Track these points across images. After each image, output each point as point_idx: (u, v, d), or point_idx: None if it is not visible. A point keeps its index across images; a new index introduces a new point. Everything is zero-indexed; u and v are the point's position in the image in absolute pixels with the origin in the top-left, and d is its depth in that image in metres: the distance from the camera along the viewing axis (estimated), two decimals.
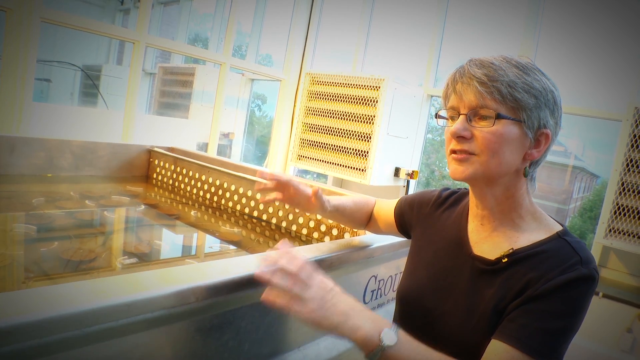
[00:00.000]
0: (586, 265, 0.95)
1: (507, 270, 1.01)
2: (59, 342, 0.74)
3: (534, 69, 1.00)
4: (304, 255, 1.16)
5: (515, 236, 1.05)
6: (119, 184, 2.93)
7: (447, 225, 1.20)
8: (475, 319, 1.02)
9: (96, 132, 3.94)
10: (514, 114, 0.97)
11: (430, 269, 1.16)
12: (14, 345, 0.68)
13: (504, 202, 1.06)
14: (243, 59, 5.69)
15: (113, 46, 8.68)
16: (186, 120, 5.56)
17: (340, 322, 0.91)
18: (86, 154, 2.92)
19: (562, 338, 0.92)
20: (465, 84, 0.99)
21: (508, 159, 0.99)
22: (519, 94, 0.96)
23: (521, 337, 0.92)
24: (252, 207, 2.59)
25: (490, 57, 1.00)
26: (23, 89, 3.10)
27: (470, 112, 0.99)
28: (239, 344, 1.12)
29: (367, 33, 4.45)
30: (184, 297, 0.90)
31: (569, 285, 0.93)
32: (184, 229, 2.32)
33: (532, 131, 0.99)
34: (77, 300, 0.76)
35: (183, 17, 6.76)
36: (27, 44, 3.07)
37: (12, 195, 2.38)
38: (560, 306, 0.92)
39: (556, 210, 5.59)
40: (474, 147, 0.99)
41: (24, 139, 2.70)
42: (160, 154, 3.24)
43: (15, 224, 1.96)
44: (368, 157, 3.52)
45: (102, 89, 6.92)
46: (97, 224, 2.18)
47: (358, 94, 3.57)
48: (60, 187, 2.65)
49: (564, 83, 3.81)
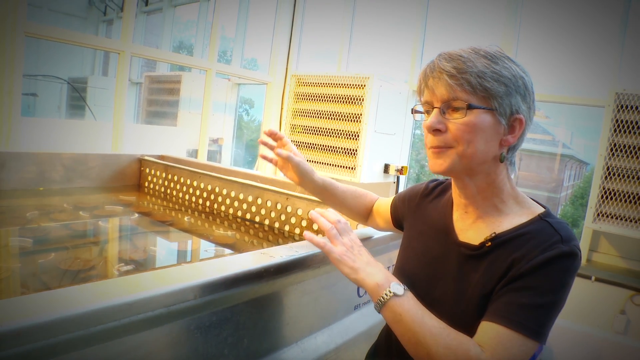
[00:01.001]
0: (567, 243, 0.99)
1: (491, 254, 1.06)
2: (65, 343, 0.78)
3: (503, 57, 1.04)
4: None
5: (498, 221, 1.09)
6: (111, 193, 2.96)
7: (434, 215, 1.24)
8: (464, 303, 1.06)
9: (86, 144, 3.96)
10: (486, 103, 1.01)
11: (421, 258, 1.21)
12: (21, 347, 0.72)
13: (485, 189, 1.10)
14: (229, 64, 5.72)
15: (98, 57, 8.66)
16: (175, 128, 5.57)
17: (360, 267, 1.09)
18: (77, 166, 2.95)
19: (547, 313, 0.96)
20: (436, 78, 1.03)
21: (483, 147, 1.03)
22: (488, 83, 0.99)
23: (506, 314, 0.96)
24: (244, 210, 2.62)
25: (459, 50, 1.04)
26: (11, 104, 3.12)
27: (443, 105, 1.03)
28: (238, 340, 1.15)
29: (350, 32, 4.49)
30: (182, 295, 0.94)
31: (550, 262, 0.97)
32: (178, 234, 2.35)
33: (505, 118, 1.03)
34: (80, 302, 0.79)
35: (167, 25, 6.77)
36: (12, 59, 3.08)
37: (5, 210, 2.40)
38: (542, 283, 0.96)
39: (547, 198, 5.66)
40: (450, 139, 1.04)
41: (14, 154, 2.72)
42: (151, 162, 3.27)
43: (11, 238, 1.98)
44: (357, 155, 3.56)
45: (89, 101, 6.92)
46: (92, 234, 2.21)
47: (344, 93, 3.61)
48: (53, 199, 2.67)
49: (547, 72, 3.88)
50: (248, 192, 2.61)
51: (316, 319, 1.46)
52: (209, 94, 4.36)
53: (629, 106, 2.94)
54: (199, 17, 6.29)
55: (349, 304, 1.62)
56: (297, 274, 1.26)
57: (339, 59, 4.49)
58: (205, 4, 6.17)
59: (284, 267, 1.19)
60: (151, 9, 7.40)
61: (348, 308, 1.61)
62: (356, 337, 1.57)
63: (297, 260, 1.23)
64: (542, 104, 3.65)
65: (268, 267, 1.13)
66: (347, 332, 1.55)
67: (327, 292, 1.47)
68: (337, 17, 4.57)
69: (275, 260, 1.16)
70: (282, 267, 1.18)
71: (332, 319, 1.53)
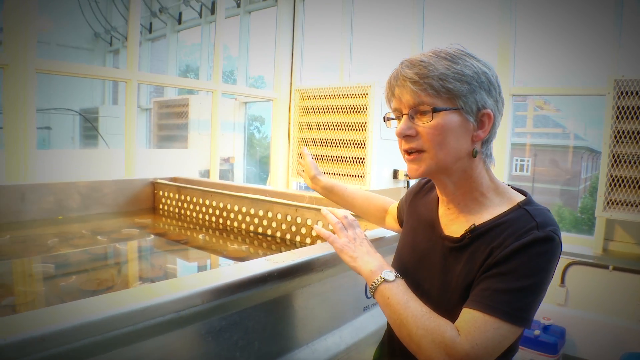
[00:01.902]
0: (542, 228, 1.04)
1: (471, 245, 1.12)
2: (85, 348, 0.87)
3: (464, 56, 1.10)
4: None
5: (479, 213, 1.16)
6: (127, 217, 3.08)
7: (423, 211, 1.32)
8: (448, 294, 1.13)
9: (101, 172, 4.10)
10: (451, 104, 1.07)
11: (412, 252, 1.29)
12: (46, 352, 0.81)
13: (463, 185, 1.17)
14: (234, 83, 5.85)
15: (107, 87, 8.87)
16: (186, 150, 5.72)
17: (358, 256, 1.22)
18: (93, 193, 3.08)
19: (524, 297, 1.00)
20: (400, 86, 1.10)
21: (455, 146, 1.10)
22: (451, 84, 1.06)
23: (481, 299, 1.01)
24: (256, 224, 2.72)
25: (420, 55, 1.10)
26: (26, 139, 3.27)
27: (411, 111, 1.10)
28: (249, 343, 1.24)
29: (349, 41, 4.60)
30: (191, 300, 1.03)
31: (524, 248, 1.02)
32: (194, 252, 2.46)
33: (473, 115, 1.09)
34: (98, 310, 0.89)
35: (172, 50, 6.94)
36: (25, 95, 3.24)
37: (27, 240, 2.52)
38: (517, 268, 1.01)
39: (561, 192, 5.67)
40: (421, 144, 1.10)
41: (33, 186, 2.86)
42: (163, 184, 3.39)
43: (34, 265, 2.10)
44: (365, 163, 3.64)
45: (101, 130, 7.10)
46: (111, 256, 2.32)
47: (347, 103, 3.71)
48: (72, 227, 2.80)
49: (546, 66, 3.94)
50: (258, 206, 2.70)
51: (326, 320, 1.54)
52: (217, 114, 4.48)
53: (629, 92, 2.99)
54: (202, 39, 6.44)
55: (358, 306, 1.69)
56: (302, 278, 1.34)
57: (340, 69, 4.59)
58: (207, 26, 6.32)
59: (288, 271, 1.27)
60: (155, 36, 7.58)
61: (357, 309, 1.69)
62: (366, 337, 1.64)
63: (299, 265, 1.32)
64: (551, 97, 3.71)
65: (272, 271, 1.22)
66: (357, 333, 1.63)
67: (334, 294, 1.55)
68: (335, 28, 4.69)
69: (278, 265, 1.25)
70: (285, 271, 1.26)
71: (341, 320, 1.61)
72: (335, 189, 1.71)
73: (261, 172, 6.77)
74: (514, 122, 4.11)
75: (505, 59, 3.81)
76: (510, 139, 3.94)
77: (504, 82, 3.79)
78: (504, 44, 3.79)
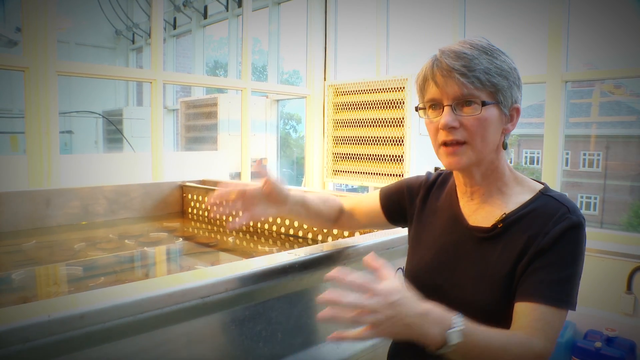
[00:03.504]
0: (574, 212, 1.22)
1: (505, 234, 1.27)
2: (119, 328, 1.06)
3: (498, 51, 1.25)
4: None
5: (504, 202, 1.32)
6: (155, 222, 3.32)
7: (439, 205, 1.47)
8: (485, 283, 1.27)
9: (126, 176, 4.36)
10: (493, 98, 1.23)
11: (432, 248, 1.42)
12: (85, 329, 1.01)
13: (489, 175, 1.33)
14: (265, 80, 6.04)
15: (131, 87, 9.20)
16: (215, 152, 5.97)
17: (407, 334, 1.05)
18: (120, 198, 3.32)
19: (573, 283, 1.19)
20: (446, 77, 1.23)
21: (492, 139, 1.26)
22: (494, 79, 1.21)
23: (542, 292, 1.17)
24: (287, 226, 2.90)
25: (459, 47, 1.24)
26: (49, 143, 3.54)
27: (454, 102, 1.23)
28: (272, 334, 1.42)
29: (386, 32, 4.72)
30: (215, 287, 1.22)
31: (564, 234, 1.19)
32: (223, 254, 2.66)
33: (507, 109, 1.26)
34: (130, 293, 1.09)
35: (198, 46, 7.18)
36: (46, 99, 3.51)
37: (53, 245, 2.77)
38: (564, 255, 1.19)
39: (631, 189, 5.63)
40: (464, 135, 1.24)
41: (58, 191, 3.11)
42: (192, 187, 3.62)
43: (60, 268, 2.33)
44: (404, 161, 3.79)
45: (126, 133, 7.41)
46: (139, 258, 2.54)
47: (383, 98, 3.86)
48: (99, 232, 3.04)
49: (607, 47, 3.98)
50: None
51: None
52: (247, 113, 4.70)
53: None
54: (230, 33, 6.64)
55: None
56: (324, 271, 1.51)
57: (377, 63, 4.73)
58: (234, 20, 6.53)
59: (309, 264, 1.45)
60: (180, 32, 7.85)
61: None
62: None
63: (321, 257, 1.49)
64: (626, 80, 3.71)
65: (293, 263, 1.40)
66: None
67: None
68: (370, 17, 4.82)
69: (299, 257, 1.43)
70: (306, 263, 1.44)
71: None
72: (305, 200, 1.60)
73: (298, 174, 6.93)
74: (568, 111, 4.14)
75: (556, 42, 3.88)
76: (563, 131, 3.99)
77: (555, 68, 3.89)
78: (555, 27, 3.87)
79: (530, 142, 9.25)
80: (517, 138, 9.07)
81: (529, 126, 7.51)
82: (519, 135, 9.03)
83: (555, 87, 3.88)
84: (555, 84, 3.88)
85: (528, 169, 9.20)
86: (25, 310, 0.98)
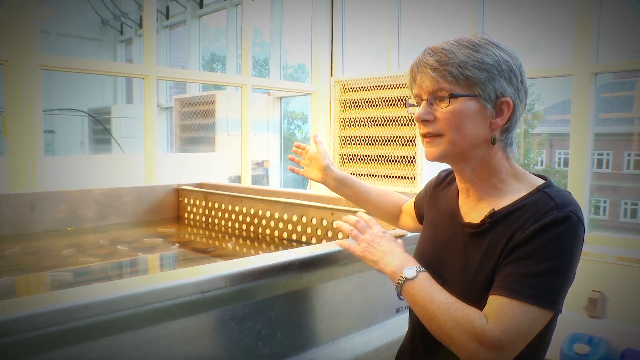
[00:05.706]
0: (561, 208, 1.31)
1: (492, 230, 1.41)
2: (121, 320, 1.23)
3: (487, 44, 1.40)
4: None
5: (499, 199, 1.46)
6: (149, 227, 3.49)
7: (443, 202, 1.64)
8: (470, 280, 1.42)
9: (117, 179, 4.49)
10: (469, 90, 1.37)
11: (432, 243, 1.59)
12: (88, 320, 1.18)
13: (481, 171, 1.47)
14: (267, 75, 6.14)
15: (120, 83, 9.31)
16: (213, 154, 6.11)
17: (379, 259, 1.47)
18: (111, 201, 3.49)
19: (550, 280, 1.27)
20: (422, 73, 1.41)
21: (472, 132, 1.40)
22: (469, 72, 1.35)
23: (508, 285, 1.28)
24: (289, 231, 3.07)
25: (443, 43, 1.41)
26: (33, 143, 3.67)
27: (430, 96, 1.41)
28: (272, 333, 1.59)
29: (398, 24, 4.82)
30: (214, 282, 1.38)
31: (543, 229, 1.29)
32: (222, 260, 2.82)
33: (491, 102, 1.39)
34: (131, 286, 1.26)
35: (193, 38, 7.30)
36: (29, 95, 3.64)
37: (40, 251, 2.92)
38: (539, 250, 1.28)
39: None
40: (439, 128, 1.40)
41: (44, 194, 3.27)
42: (189, 191, 3.79)
43: (50, 274, 2.47)
44: (415, 162, 3.93)
45: (115, 133, 7.53)
46: (133, 264, 2.70)
47: (394, 95, 3.99)
48: (88, 237, 3.20)
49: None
50: (292, 211, 3.05)
51: (353, 319, 1.87)
52: (247, 112, 4.83)
53: None
54: (228, 24, 6.74)
55: (389, 306, 2.02)
56: (324, 270, 1.68)
57: (387, 57, 4.84)
58: (233, 9, 6.65)
59: (308, 262, 1.62)
60: (173, 22, 7.94)
61: (389, 310, 2.02)
62: (398, 340, 1.91)
63: (319, 257, 1.66)
64: None
65: (292, 261, 1.56)
66: (387, 335, 1.95)
67: (362, 292, 1.89)
68: (381, 9, 4.94)
69: (299, 256, 1.59)
70: (306, 262, 1.60)
71: (371, 320, 1.94)
72: (349, 181, 1.98)
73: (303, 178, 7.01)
74: (598, 107, 4.14)
75: (585, 31, 3.91)
76: (593, 129, 4.02)
77: (582, 59, 3.94)
78: (584, 14, 3.92)
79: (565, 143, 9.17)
80: (547, 137, 8.88)
81: (563, 124, 7.44)
82: (550, 135, 8.84)
83: (583, 80, 3.94)
84: (583, 76, 3.93)
85: (561, 172, 9.14)
86: (33, 300, 1.16)
